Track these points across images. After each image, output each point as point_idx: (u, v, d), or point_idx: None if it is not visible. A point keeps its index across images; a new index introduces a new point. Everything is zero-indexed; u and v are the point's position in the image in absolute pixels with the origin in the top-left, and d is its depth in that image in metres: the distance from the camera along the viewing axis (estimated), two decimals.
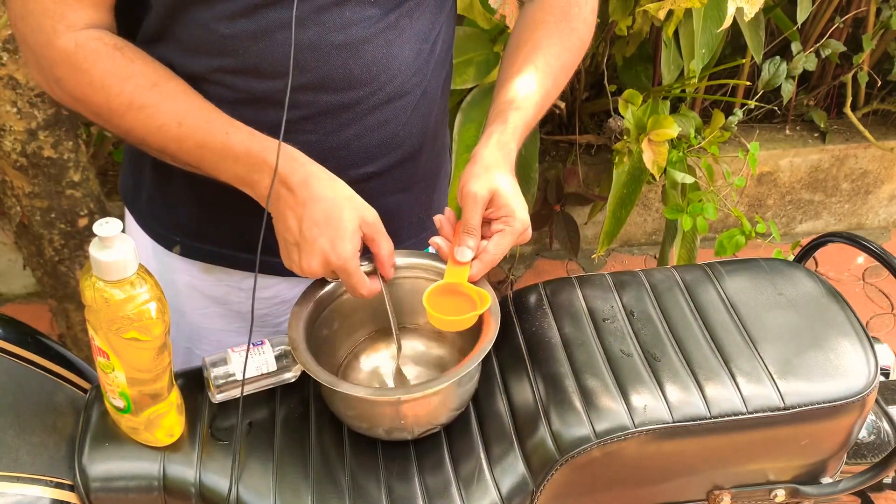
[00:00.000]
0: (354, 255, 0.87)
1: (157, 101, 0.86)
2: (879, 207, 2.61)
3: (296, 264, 0.89)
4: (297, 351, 0.87)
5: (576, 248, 2.18)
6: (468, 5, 1.60)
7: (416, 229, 1.11)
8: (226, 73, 0.90)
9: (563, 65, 1.01)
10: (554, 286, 1.05)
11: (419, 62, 0.97)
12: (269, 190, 0.86)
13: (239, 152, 0.86)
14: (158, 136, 0.88)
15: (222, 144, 0.87)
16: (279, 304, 1.10)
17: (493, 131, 0.95)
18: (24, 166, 1.54)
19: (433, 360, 1.02)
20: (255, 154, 0.86)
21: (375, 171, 1.00)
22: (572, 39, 1.02)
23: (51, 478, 0.85)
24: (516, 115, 0.95)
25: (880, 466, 0.96)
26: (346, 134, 0.95)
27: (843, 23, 2.18)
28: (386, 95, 0.95)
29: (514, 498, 0.88)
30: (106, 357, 0.81)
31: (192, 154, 0.88)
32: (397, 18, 0.93)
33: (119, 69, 0.86)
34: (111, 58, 0.86)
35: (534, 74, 0.98)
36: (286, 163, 0.86)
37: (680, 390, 0.91)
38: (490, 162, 0.92)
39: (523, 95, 0.97)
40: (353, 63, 0.91)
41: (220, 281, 1.08)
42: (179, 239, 1.05)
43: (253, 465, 0.89)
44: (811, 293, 1.02)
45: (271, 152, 0.86)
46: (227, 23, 0.87)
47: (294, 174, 0.86)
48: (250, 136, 0.87)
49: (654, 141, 1.68)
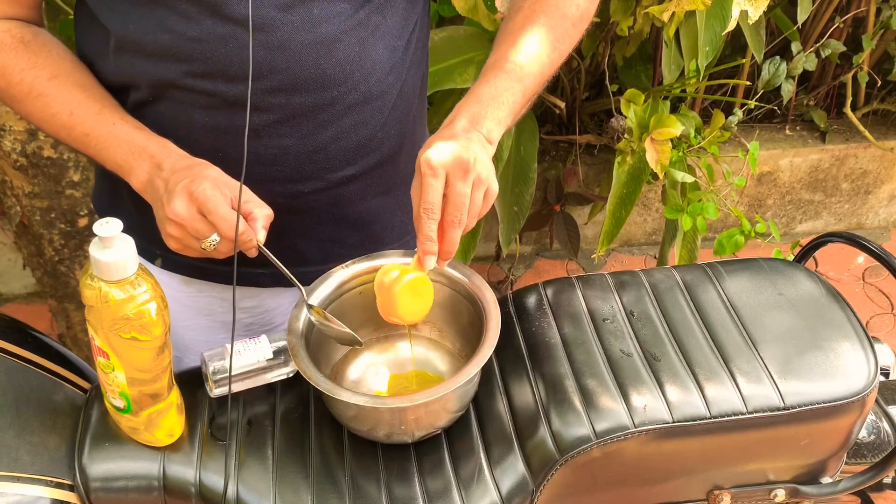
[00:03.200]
0: (216, 192, 0.82)
1: (54, 91, 0.91)
2: (879, 207, 2.61)
3: (165, 234, 0.85)
4: (297, 356, 0.87)
5: (576, 248, 2.18)
6: (472, 7, 1.60)
7: (398, 233, 1.11)
8: (196, 77, 0.89)
9: (541, 40, 0.96)
10: (554, 286, 1.05)
11: (394, 60, 0.96)
12: (146, 175, 0.87)
13: (122, 139, 0.89)
14: (52, 123, 0.92)
15: (108, 133, 0.89)
16: (263, 314, 1.10)
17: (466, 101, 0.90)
18: (24, 166, 1.55)
19: (433, 359, 1.02)
20: (137, 143, 0.88)
21: (355, 173, 1.00)
22: (549, 14, 0.97)
23: (51, 478, 0.85)
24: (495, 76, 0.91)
25: (880, 466, 0.96)
26: (323, 136, 0.95)
27: (843, 23, 2.18)
28: (361, 95, 0.95)
29: (514, 498, 0.88)
30: (106, 357, 0.81)
31: (79, 141, 0.92)
32: (368, 15, 0.92)
33: (20, 60, 0.91)
34: (14, 49, 0.91)
35: (521, 43, 0.94)
36: (159, 150, 0.88)
37: (680, 390, 0.91)
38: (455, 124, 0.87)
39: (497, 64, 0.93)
40: (326, 62, 0.90)
41: (201, 293, 1.08)
42: (160, 252, 1.05)
43: (252, 464, 0.89)
44: (811, 293, 1.02)
45: (153, 143, 0.88)
46: (193, 25, 0.86)
47: (167, 158, 0.87)
48: (136, 129, 0.90)
49: (657, 140, 1.68)
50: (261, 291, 1.08)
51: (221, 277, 1.05)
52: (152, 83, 0.91)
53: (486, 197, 0.86)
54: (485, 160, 0.84)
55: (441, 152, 0.82)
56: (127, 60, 0.91)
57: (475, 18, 1.62)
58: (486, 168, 0.84)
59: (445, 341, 1.03)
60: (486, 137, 0.86)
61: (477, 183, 0.84)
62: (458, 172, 0.82)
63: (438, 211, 0.83)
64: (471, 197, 0.84)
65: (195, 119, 0.92)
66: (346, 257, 0.97)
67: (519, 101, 0.91)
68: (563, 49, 0.98)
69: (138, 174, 0.87)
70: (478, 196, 0.84)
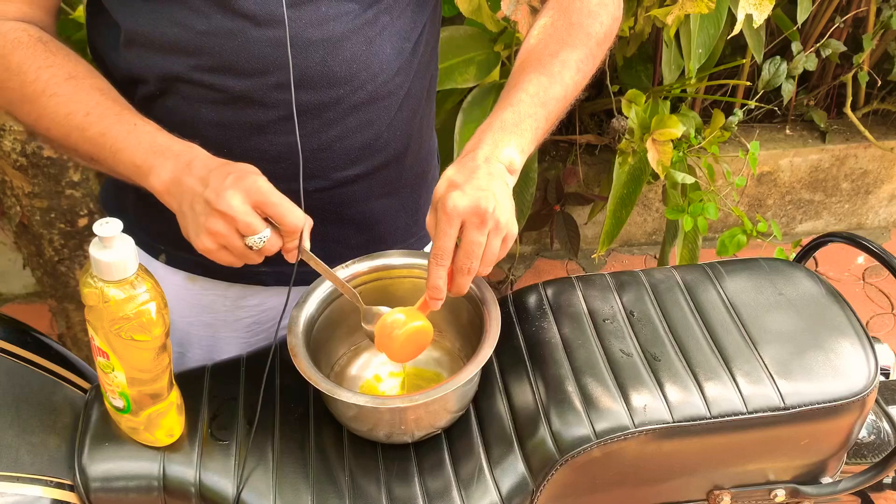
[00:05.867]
0: (271, 186, 0.80)
1: (70, 91, 0.87)
2: (879, 207, 2.61)
3: (205, 232, 0.80)
4: (297, 356, 0.87)
5: (576, 248, 2.18)
6: (476, 8, 1.60)
7: (402, 235, 1.11)
8: (203, 71, 0.89)
9: (565, 61, 0.94)
10: (554, 286, 1.05)
11: (401, 61, 0.96)
12: (170, 174, 0.82)
13: (142, 139, 0.84)
14: (65, 123, 0.87)
15: (127, 132, 0.85)
16: (265, 311, 1.10)
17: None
18: (24, 166, 1.55)
19: (432, 359, 1.02)
20: (160, 143, 0.84)
21: (359, 173, 1.00)
22: (573, 33, 0.95)
23: (51, 478, 0.85)
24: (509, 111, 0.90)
25: (880, 466, 0.96)
26: (328, 135, 0.95)
27: (843, 23, 2.18)
28: (367, 95, 0.94)
29: (514, 498, 0.88)
30: (106, 357, 0.81)
31: (93, 142, 0.86)
32: (376, 15, 0.92)
33: (37, 59, 0.87)
34: (32, 48, 0.88)
35: (531, 78, 0.92)
36: (185, 149, 0.83)
37: (680, 390, 0.91)
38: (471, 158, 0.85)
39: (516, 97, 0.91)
40: (332, 60, 0.90)
41: (205, 290, 1.08)
42: (164, 248, 1.05)
43: (253, 465, 0.89)
44: (811, 293, 1.02)
45: (177, 143, 0.84)
46: (202, 19, 0.87)
47: (196, 157, 0.83)
48: (157, 130, 0.85)
49: (658, 140, 1.68)
50: (264, 290, 1.07)
51: (225, 275, 1.05)
52: (160, 77, 0.91)
53: (505, 242, 0.84)
54: (505, 203, 0.83)
55: (461, 199, 0.80)
56: (135, 54, 0.91)
57: (479, 19, 1.61)
58: (505, 213, 0.83)
59: (445, 341, 1.03)
60: (507, 168, 0.85)
61: (494, 231, 0.82)
62: (474, 220, 0.81)
63: (449, 258, 0.83)
64: (487, 244, 0.83)
65: (202, 114, 0.92)
66: (348, 258, 0.97)
67: (542, 127, 0.90)
68: (587, 70, 0.95)
69: (159, 173, 0.83)
70: (494, 243, 0.83)
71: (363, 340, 1.02)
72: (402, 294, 0.98)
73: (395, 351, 0.90)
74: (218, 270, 1.05)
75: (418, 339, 0.89)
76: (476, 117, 1.69)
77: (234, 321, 1.11)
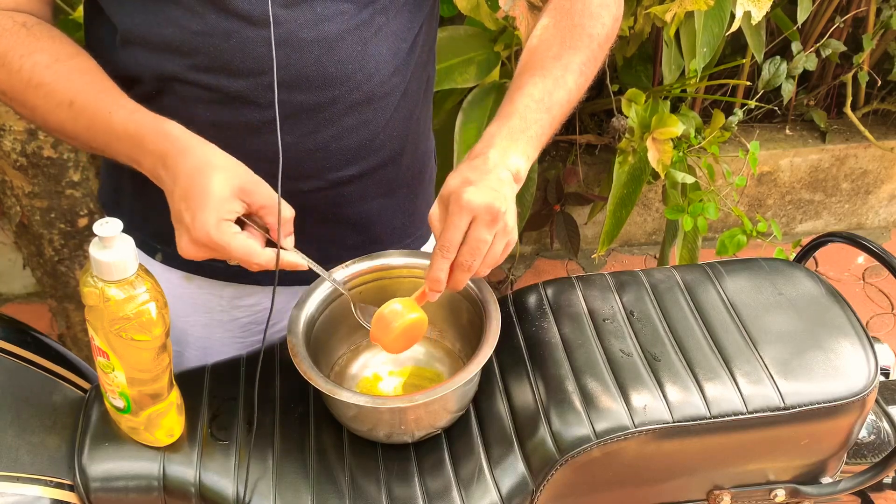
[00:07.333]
0: (220, 226, 0.78)
1: (54, 79, 0.85)
2: (879, 207, 2.61)
3: (184, 245, 0.81)
4: (297, 356, 0.87)
5: (576, 248, 2.18)
6: (474, 6, 1.60)
7: (398, 235, 1.10)
8: (199, 71, 0.89)
9: (568, 64, 0.93)
10: (554, 286, 1.05)
11: (397, 62, 0.96)
12: (150, 167, 0.82)
13: (119, 132, 0.83)
14: (57, 115, 0.85)
15: (105, 124, 0.83)
16: (262, 312, 1.10)
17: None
18: (24, 166, 1.55)
19: (432, 359, 1.02)
20: (133, 134, 0.82)
21: (355, 174, 0.99)
22: (576, 35, 0.95)
23: (50, 478, 0.85)
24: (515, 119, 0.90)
25: (880, 466, 0.96)
26: (323, 135, 0.95)
27: (843, 22, 2.18)
28: (363, 95, 0.94)
29: (514, 498, 0.88)
30: (106, 357, 0.81)
31: (86, 135, 0.85)
32: (372, 15, 0.92)
33: (21, 45, 0.85)
34: (15, 34, 0.86)
35: (533, 83, 0.92)
36: (160, 141, 0.81)
37: (680, 390, 0.91)
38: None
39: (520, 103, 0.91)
40: (328, 60, 0.90)
41: (201, 289, 1.08)
42: (160, 247, 1.05)
43: (253, 464, 0.89)
44: (811, 293, 1.02)
45: (148, 130, 0.82)
46: (197, 19, 0.87)
47: (169, 154, 0.81)
48: (130, 114, 0.83)
49: (659, 140, 1.68)
50: (260, 290, 1.07)
51: (221, 274, 1.05)
52: (156, 77, 0.91)
53: (506, 247, 0.85)
54: (512, 210, 0.83)
55: (476, 195, 0.80)
56: (131, 54, 0.91)
57: (477, 18, 1.61)
58: (513, 219, 0.83)
59: (445, 341, 1.03)
60: (514, 176, 0.86)
61: (502, 233, 0.83)
62: (486, 218, 0.81)
63: (455, 251, 0.83)
64: (491, 245, 0.83)
65: (198, 114, 0.92)
66: (344, 258, 0.97)
67: (547, 132, 0.90)
68: (590, 73, 0.95)
69: (144, 165, 0.84)
70: (498, 245, 0.83)
71: (363, 340, 1.02)
72: (402, 294, 0.97)
73: (390, 343, 0.90)
74: (214, 270, 1.05)
75: (414, 330, 0.90)
76: (476, 117, 1.69)
77: (230, 321, 1.11)
